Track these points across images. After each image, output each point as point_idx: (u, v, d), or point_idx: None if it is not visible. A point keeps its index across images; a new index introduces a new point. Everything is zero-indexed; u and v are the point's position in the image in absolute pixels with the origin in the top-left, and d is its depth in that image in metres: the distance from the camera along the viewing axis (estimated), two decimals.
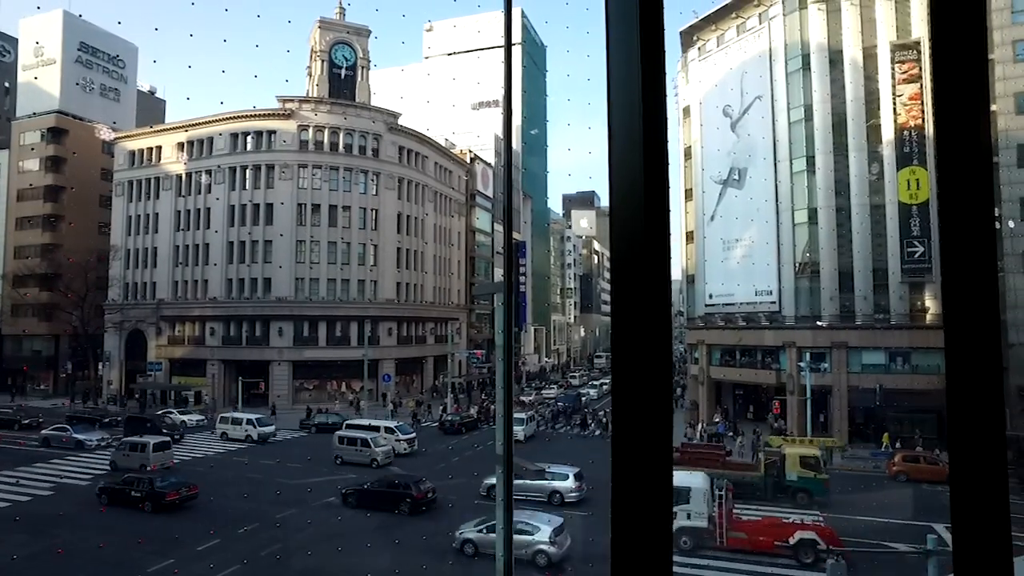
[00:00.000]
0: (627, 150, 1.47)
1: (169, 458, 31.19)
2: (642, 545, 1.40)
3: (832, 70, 42.92)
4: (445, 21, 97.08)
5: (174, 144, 60.16)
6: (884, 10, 41.44)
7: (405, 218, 62.11)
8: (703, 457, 28.76)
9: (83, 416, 43.82)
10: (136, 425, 39.47)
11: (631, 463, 1.41)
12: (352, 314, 56.71)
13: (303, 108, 57.36)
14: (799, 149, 44.12)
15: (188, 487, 25.04)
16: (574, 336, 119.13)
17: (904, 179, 39.55)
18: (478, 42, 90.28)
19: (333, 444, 34.27)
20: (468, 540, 20.18)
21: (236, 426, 40.21)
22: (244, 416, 41.46)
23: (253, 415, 41.96)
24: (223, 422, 41.31)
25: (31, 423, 41.69)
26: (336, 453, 33.56)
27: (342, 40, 60.43)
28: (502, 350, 6.57)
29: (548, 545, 19.24)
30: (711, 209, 49.86)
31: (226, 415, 42.86)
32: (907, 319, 39.82)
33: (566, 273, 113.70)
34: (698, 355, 50.69)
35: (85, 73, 68.19)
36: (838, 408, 40.24)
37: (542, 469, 27.45)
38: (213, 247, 57.38)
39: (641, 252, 1.44)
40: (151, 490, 24.08)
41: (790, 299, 43.91)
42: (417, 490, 24.50)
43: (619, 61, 1.49)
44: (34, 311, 61.46)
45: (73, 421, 40.65)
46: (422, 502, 24.32)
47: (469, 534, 20.29)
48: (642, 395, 1.41)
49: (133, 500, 24.06)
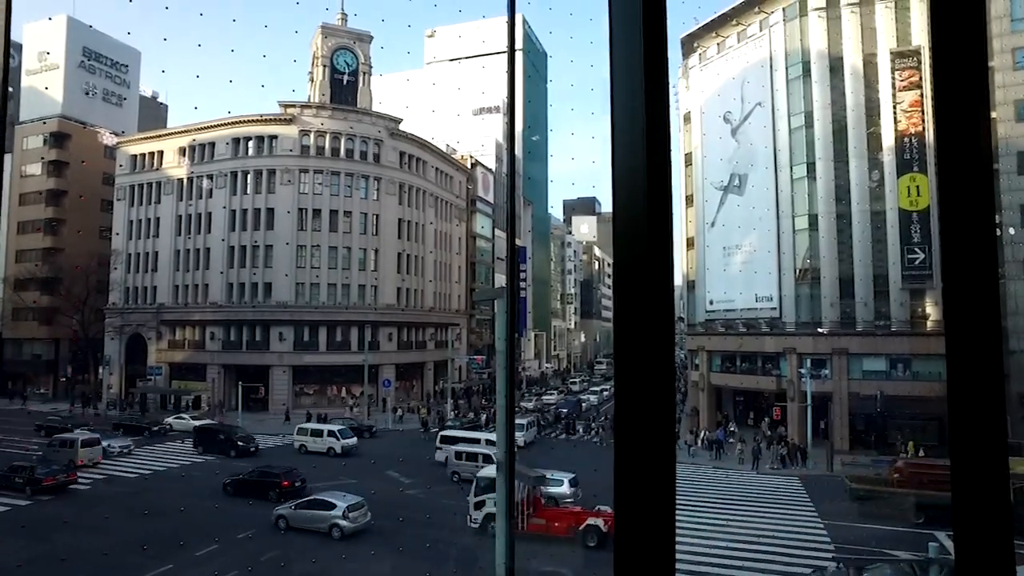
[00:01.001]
0: (630, 157, 1.48)
1: (97, 454, 33.21)
2: (645, 548, 1.40)
3: (832, 77, 43.04)
4: (447, 27, 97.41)
5: (176, 149, 60.29)
6: (884, 18, 41.58)
7: (406, 223, 62.17)
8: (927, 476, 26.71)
9: (130, 424, 43.17)
10: (207, 436, 37.76)
11: (635, 468, 1.41)
12: (352, 319, 56.70)
13: (305, 113, 57.52)
14: (800, 156, 44.20)
15: (67, 473, 28.25)
16: (574, 342, 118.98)
17: (904, 186, 39.60)
18: (479, 48, 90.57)
19: (449, 460, 32.07)
20: (281, 516, 23.32)
21: (316, 438, 37.58)
22: (325, 427, 38.98)
23: (334, 426, 39.48)
24: (301, 433, 38.47)
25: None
26: (453, 469, 31.37)
27: (344, 46, 60.65)
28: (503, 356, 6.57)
29: (342, 519, 22.18)
30: (712, 215, 49.91)
31: (304, 426, 39.83)
32: (908, 326, 39.79)
33: (567, 279, 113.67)
34: (698, 361, 50.64)
35: (88, 78, 68.43)
36: (839, 415, 40.15)
37: (542, 476, 27.40)
38: (214, 252, 57.43)
39: (644, 258, 1.45)
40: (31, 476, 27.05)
41: (791, 305, 43.90)
42: (286, 479, 27.27)
43: (622, 69, 1.50)
44: (34, 315, 61.46)
45: (119, 429, 41.14)
46: (289, 490, 26.68)
47: (282, 511, 23.47)
48: (645, 399, 1.42)
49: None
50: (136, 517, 23.42)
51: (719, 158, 49.03)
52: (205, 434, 38.30)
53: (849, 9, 42.64)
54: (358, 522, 22.57)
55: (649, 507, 1.41)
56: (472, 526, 22.35)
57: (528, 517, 21.87)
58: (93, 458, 32.40)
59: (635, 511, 1.42)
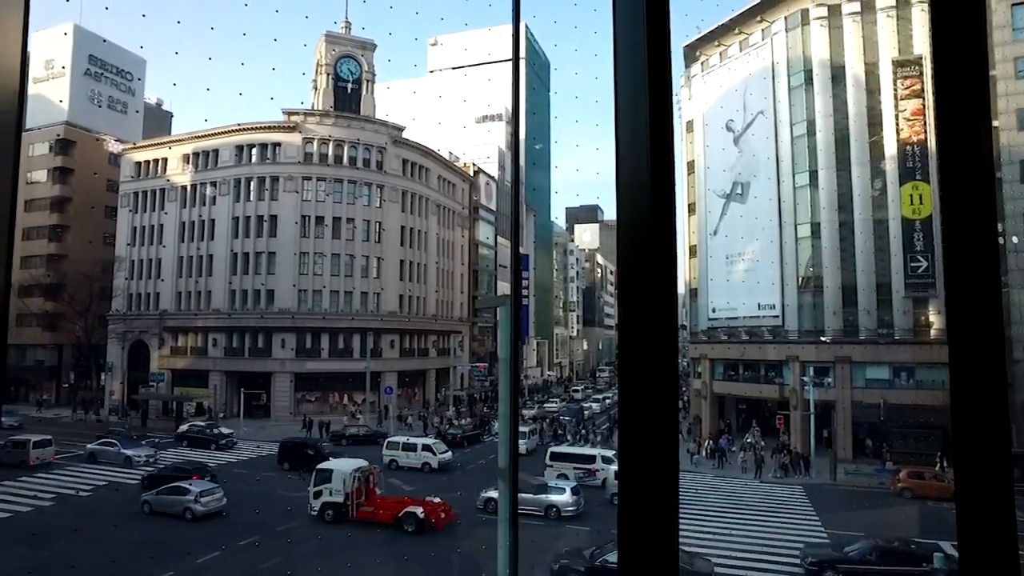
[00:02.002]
0: (634, 165, 1.49)
1: (50, 454, 33.81)
2: (649, 555, 1.40)
3: (834, 86, 43.15)
4: (450, 36, 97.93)
5: (180, 156, 60.56)
6: (886, 27, 41.71)
7: (408, 231, 62.28)
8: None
9: (196, 436, 41.98)
10: (292, 452, 35.00)
11: (638, 475, 1.41)
12: (355, 326, 56.73)
13: (308, 121, 57.76)
14: (802, 164, 44.25)
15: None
16: (577, 350, 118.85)
17: (907, 194, 39.62)
18: (482, 57, 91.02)
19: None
20: (146, 501, 25.58)
21: (409, 452, 35.32)
22: (419, 441, 36.79)
23: (428, 440, 37.80)
24: (391, 447, 36.01)
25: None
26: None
27: (347, 54, 60.97)
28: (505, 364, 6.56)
29: (194, 503, 24.77)
30: (714, 223, 49.93)
31: (395, 439, 37.36)
32: (911, 334, 39.70)
33: (569, 287, 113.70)
34: (701, 369, 50.53)
35: (94, 86, 68.85)
36: (842, 423, 40.01)
37: (544, 484, 27.32)
38: (217, 258, 57.58)
39: (648, 266, 1.46)
40: None
41: (793, 313, 43.83)
42: (196, 474, 29.26)
43: (626, 79, 1.51)
44: (38, 321, 61.60)
45: (183, 440, 41.54)
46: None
47: (147, 496, 25.74)
48: (649, 407, 1.42)
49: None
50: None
51: (722, 167, 49.11)
52: (291, 449, 35.62)
53: (851, 19, 42.79)
54: (210, 506, 25.09)
55: (652, 514, 1.41)
56: (312, 514, 24.81)
57: (359, 506, 24.63)
58: (45, 458, 33.46)
59: (639, 518, 1.42)
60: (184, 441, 41.68)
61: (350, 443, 41.73)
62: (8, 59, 1.32)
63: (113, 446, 35.98)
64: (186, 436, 42.41)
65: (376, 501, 25.24)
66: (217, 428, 43.69)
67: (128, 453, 35.45)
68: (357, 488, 24.67)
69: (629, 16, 1.52)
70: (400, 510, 24.14)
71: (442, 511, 24.18)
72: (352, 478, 24.55)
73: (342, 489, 24.46)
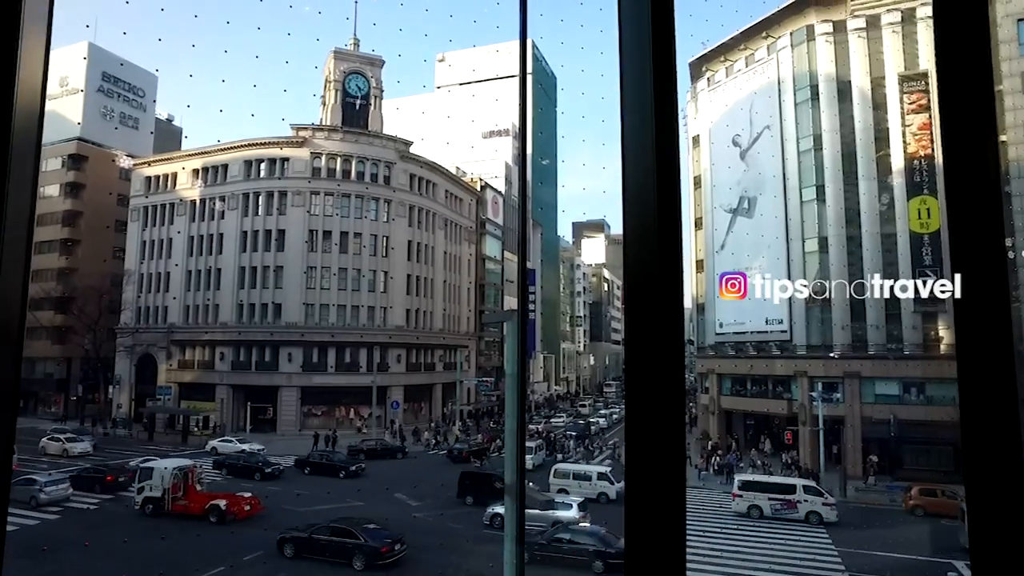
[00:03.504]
0: (640, 181, 1.50)
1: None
2: (656, 570, 1.39)
3: (841, 101, 43.22)
4: (457, 52, 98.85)
5: (190, 171, 61.12)
6: (891, 42, 41.82)
7: (415, 245, 62.47)
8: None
9: (319, 463, 37.69)
10: (475, 482, 30.88)
11: (645, 489, 1.41)
12: (362, 340, 56.77)
13: (316, 136, 58.25)
14: (809, 178, 44.21)
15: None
16: (583, 365, 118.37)
17: (915, 208, 39.48)
18: (489, 72, 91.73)
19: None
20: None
21: (583, 481, 32.32)
22: (595, 469, 34.14)
23: (602, 468, 34.73)
24: (559, 476, 32.86)
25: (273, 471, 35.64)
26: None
27: (356, 70, 61.58)
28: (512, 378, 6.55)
29: (40, 492, 27.60)
30: (721, 238, 49.85)
31: (563, 467, 34.41)
32: (921, 349, 39.36)
33: (576, 301, 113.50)
34: (708, 384, 50.20)
35: (106, 102, 69.77)
36: (851, 439, 39.58)
37: (551, 500, 27.12)
38: (225, 272, 57.87)
39: (654, 281, 1.46)
40: None
41: (801, 328, 43.57)
42: (110, 475, 31.54)
43: (632, 97, 1.53)
44: (48, 334, 61.96)
45: (221, 467, 36.88)
46: (112, 484, 30.86)
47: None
48: (655, 421, 1.42)
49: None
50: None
51: (728, 182, 49.13)
52: (472, 479, 31.44)
53: (856, 34, 42.94)
54: (53, 495, 28.18)
55: (659, 529, 1.41)
56: (135, 508, 27.37)
57: (175, 499, 27.28)
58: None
59: (646, 533, 1.42)
60: (223, 469, 36.59)
61: (367, 458, 41.49)
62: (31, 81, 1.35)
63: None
64: (225, 463, 37.26)
65: (191, 495, 27.84)
66: (254, 450, 40.52)
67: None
68: (175, 484, 27.45)
69: (635, 37, 1.54)
70: (209, 501, 27.20)
71: (247, 504, 27.12)
72: (171, 475, 27.45)
73: (160, 485, 27.33)
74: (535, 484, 31.38)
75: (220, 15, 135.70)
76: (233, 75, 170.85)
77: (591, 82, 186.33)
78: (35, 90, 1.36)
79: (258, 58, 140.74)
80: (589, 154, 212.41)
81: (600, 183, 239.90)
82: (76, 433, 45.70)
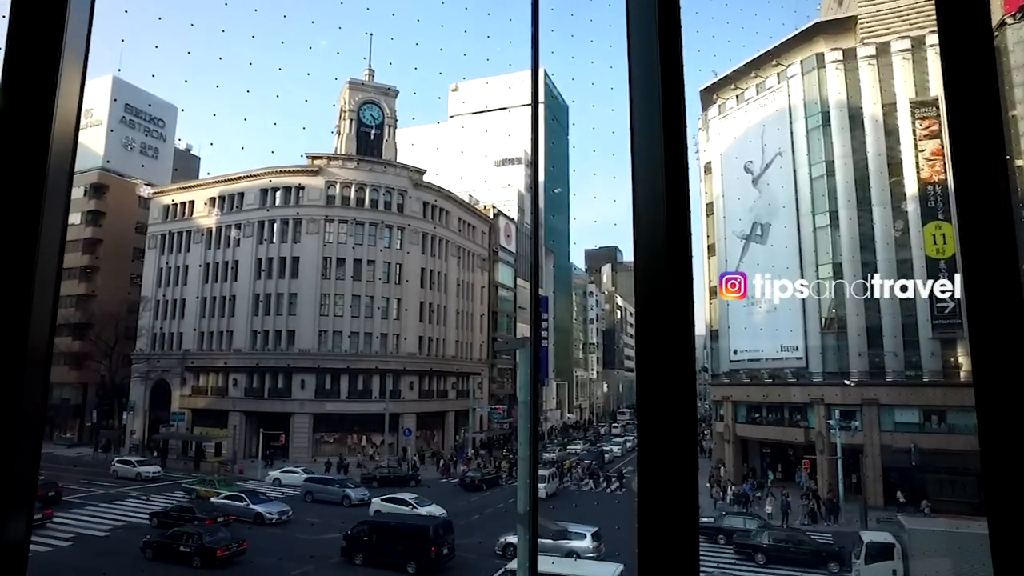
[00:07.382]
0: (651, 210, 1.52)
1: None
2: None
3: (852, 127, 43.29)
4: (470, 82, 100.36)
5: (206, 199, 62.12)
6: (902, 69, 41.99)
7: (428, 273, 62.77)
8: None
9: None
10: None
11: (658, 519, 1.40)
12: (374, 367, 56.79)
13: (331, 165, 59.12)
14: (821, 204, 44.12)
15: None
16: (597, 392, 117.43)
17: (930, 234, 39.19)
18: (502, 101, 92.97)
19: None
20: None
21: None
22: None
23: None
24: (726, 518, 30.92)
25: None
26: None
27: (371, 100, 62.69)
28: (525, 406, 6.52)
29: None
30: (734, 264, 49.65)
31: (734, 515, 32.08)
32: (940, 376, 38.70)
33: (589, 328, 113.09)
34: (723, 412, 49.56)
35: (128, 132, 71.36)
36: (871, 468, 38.78)
37: (563, 529, 26.69)
38: (239, 299, 58.37)
39: (665, 309, 1.48)
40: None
41: (817, 355, 43.06)
42: (41, 490, 32.39)
43: (642, 128, 1.57)
44: (65, 359, 62.59)
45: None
46: (41, 498, 30.77)
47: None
48: (668, 446, 1.42)
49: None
50: None
51: (741, 208, 49.11)
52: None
53: (866, 62, 43.18)
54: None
55: (673, 561, 1.40)
56: None
57: None
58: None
59: (659, 565, 1.41)
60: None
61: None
62: (67, 115, 1.41)
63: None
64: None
65: None
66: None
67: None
68: None
69: (645, 70, 1.58)
70: None
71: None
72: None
73: None
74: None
75: (243, 56, 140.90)
76: (254, 113, 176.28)
77: (602, 117, 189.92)
78: (70, 122, 1.43)
79: (278, 97, 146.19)
80: (600, 187, 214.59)
81: (611, 215, 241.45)
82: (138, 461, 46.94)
